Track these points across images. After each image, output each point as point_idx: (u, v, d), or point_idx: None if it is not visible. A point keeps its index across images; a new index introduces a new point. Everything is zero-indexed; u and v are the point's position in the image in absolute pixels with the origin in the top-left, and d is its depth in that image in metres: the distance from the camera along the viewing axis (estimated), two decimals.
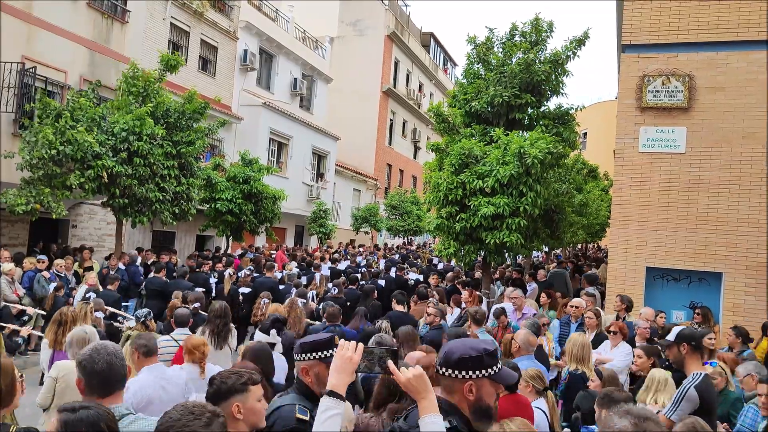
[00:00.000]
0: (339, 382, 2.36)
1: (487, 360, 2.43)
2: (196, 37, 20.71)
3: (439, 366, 2.48)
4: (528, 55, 12.31)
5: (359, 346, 2.41)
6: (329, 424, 2.28)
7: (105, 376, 2.83)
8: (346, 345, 2.43)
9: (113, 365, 2.87)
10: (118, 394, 2.89)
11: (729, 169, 10.01)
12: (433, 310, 7.87)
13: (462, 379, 2.41)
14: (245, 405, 2.72)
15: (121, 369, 2.91)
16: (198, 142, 13.64)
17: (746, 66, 10.03)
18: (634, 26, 10.75)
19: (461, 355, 2.43)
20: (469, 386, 2.40)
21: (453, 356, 2.44)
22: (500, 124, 12.46)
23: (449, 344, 2.56)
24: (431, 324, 7.77)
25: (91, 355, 2.88)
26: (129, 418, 2.85)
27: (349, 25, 35.00)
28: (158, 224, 15.40)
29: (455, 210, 11.15)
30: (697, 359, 4.54)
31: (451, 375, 2.42)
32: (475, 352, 2.43)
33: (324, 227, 23.21)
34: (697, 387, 4.24)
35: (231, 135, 21.94)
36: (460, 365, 2.42)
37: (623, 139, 10.73)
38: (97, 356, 2.86)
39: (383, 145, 35.89)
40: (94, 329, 5.00)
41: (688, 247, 10.17)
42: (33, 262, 11.20)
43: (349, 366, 2.38)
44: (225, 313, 6.44)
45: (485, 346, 2.48)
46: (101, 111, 12.22)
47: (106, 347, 2.93)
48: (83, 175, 11.33)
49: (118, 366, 2.89)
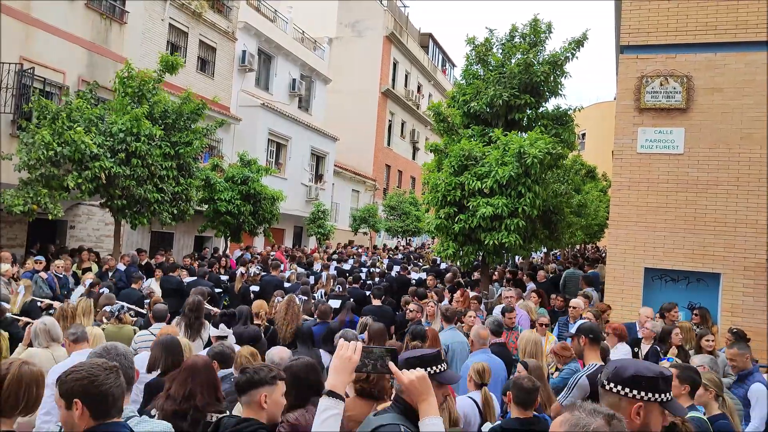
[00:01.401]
0: (338, 382, 2.34)
1: (662, 385, 2.29)
2: (195, 38, 20.70)
3: (606, 381, 2.34)
4: (527, 56, 12.34)
5: (358, 346, 2.39)
6: (328, 424, 2.26)
7: None
8: (345, 345, 2.40)
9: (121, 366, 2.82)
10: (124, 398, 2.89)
11: (727, 170, 10.02)
12: (414, 306, 8.33)
13: (632, 399, 2.27)
14: (271, 396, 3.04)
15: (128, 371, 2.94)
16: (196, 143, 13.63)
17: (744, 67, 10.04)
18: (633, 27, 10.76)
19: (635, 372, 2.30)
20: (638, 408, 2.26)
21: (626, 372, 2.31)
22: (499, 125, 12.48)
23: (621, 361, 2.43)
24: (412, 320, 8.07)
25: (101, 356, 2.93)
26: (134, 420, 2.85)
27: (348, 26, 35.01)
28: (157, 225, 15.38)
29: (454, 211, 11.16)
30: (595, 351, 4.82)
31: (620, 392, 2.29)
32: (651, 373, 2.29)
33: (323, 228, 23.20)
34: (590, 376, 4.48)
35: (230, 136, 21.93)
36: (633, 384, 2.27)
37: (622, 140, 10.73)
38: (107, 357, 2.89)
39: (382, 146, 35.90)
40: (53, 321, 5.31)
41: (686, 248, 10.18)
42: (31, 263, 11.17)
43: (348, 366, 2.35)
44: (198, 308, 6.91)
45: (662, 370, 2.35)
46: (99, 112, 12.21)
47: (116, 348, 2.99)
48: (81, 176, 11.31)
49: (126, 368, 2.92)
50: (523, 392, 3.96)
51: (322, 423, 2.27)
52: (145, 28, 17.89)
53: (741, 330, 7.50)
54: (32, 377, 2.79)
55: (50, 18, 13.71)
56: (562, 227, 13.93)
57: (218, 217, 16.58)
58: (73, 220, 16.31)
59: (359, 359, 2.38)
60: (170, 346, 4.70)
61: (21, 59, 12.76)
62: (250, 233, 17.88)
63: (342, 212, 30.80)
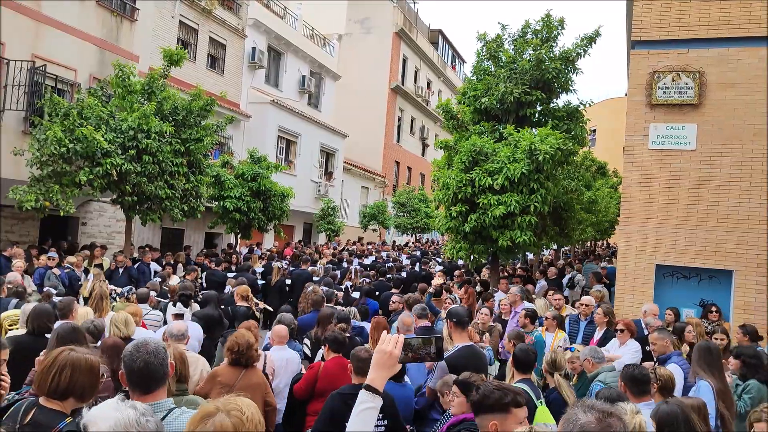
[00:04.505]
0: (377, 377, 2.32)
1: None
2: (205, 35, 20.75)
3: None
4: (539, 52, 12.27)
5: (400, 339, 2.36)
6: (363, 416, 2.27)
7: (142, 375, 2.85)
8: (387, 339, 2.36)
9: (150, 364, 2.88)
10: (159, 392, 2.91)
11: (740, 166, 9.93)
12: (397, 298, 9.14)
13: None
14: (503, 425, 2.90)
15: (160, 368, 2.92)
16: (206, 140, 13.67)
17: (757, 62, 9.93)
18: (644, 22, 10.67)
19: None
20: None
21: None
22: (510, 121, 12.42)
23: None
24: (394, 311, 8.88)
25: (131, 352, 2.92)
26: (176, 412, 2.88)
27: (357, 23, 34.98)
28: (167, 221, 15.45)
29: (465, 209, 11.12)
30: (460, 333, 5.29)
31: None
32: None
33: (332, 225, 23.23)
34: (448, 357, 4.93)
35: (239, 133, 21.98)
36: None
37: (633, 136, 10.66)
38: (137, 354, 2.89)
39: (391, 143, 35.86)
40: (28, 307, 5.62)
41: (698, 245, 10.10)
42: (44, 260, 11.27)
43: (389, 361, 2.32)
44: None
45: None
46: (110, 109, 12.27)
47: (146, 346, 2.96)
48: (92, 172, 11.38)
49: (155, 365, 2.90)
50: (360, 361, 4.43)
51: (358, 415, 2.27)
52: (155, 25, 17.95)
53: (753, 327, 7.43)
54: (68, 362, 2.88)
55: (61, 16, 13.77)
56: (573, 224, 13.87)
57: (228, 214, 16.64)
58: (84, 217, 16.41)
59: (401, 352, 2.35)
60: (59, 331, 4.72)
61: (33, 57, 12.82)
62: (260, 230, 17.92)
63: (351, 209, 30.82)
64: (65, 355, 2.91)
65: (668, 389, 4.62)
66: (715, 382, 4.86)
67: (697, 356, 5.14)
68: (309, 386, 5.29)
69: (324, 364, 5.38)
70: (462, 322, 5.26)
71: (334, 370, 5.27)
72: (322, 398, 4.79)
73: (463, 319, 5.28)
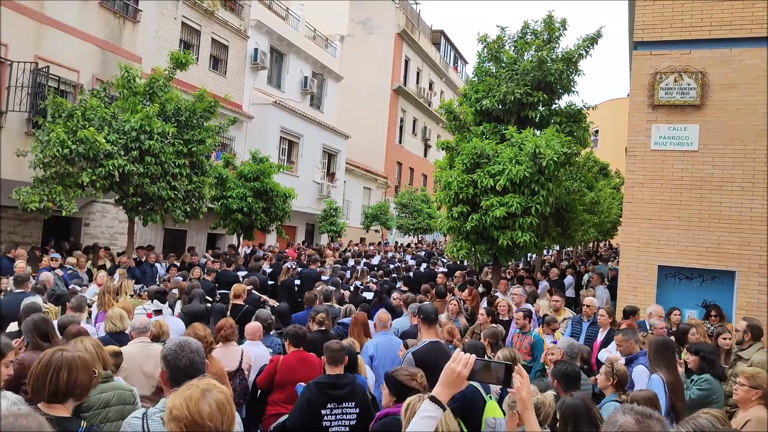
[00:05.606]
0: (443, 392, 2.41)
1: None
2: (207, 36, 20.78)
3: None
4: (541, 53, 12.26)
5: (471, 359, 2.41)
6: (423, 423, 2.37)
7: (188, 373, 2.91)
8: (458, 358, 2.42)
9: (194, 362, 3.00)
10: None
11: (742, 166, 9.92)
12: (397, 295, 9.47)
13: None
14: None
15: (201, 366, 3.04)
16: (209, 141, 13.69)
17: (760, 63, 9.93)
18: (647, 23, 10.67)
19: None
20: None
21: None
22: (511, 122, 12.42)
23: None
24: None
25: (175, 350, 3.01)
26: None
27: (360, 24, 35.00)
28: (170, 222, 15.47)
29: (467, 209, 11.12)
30: (427, 328, 5.46)
31: None
32: None
33: (334, 225, 23.24)
34: (414, 351, 5.09)
35: (242, 134, 22.01)
36: None
37: (635, 137, 10.65)
38: (181, 353, 3.00)
39: (393, 144, 35.87)
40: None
41: (700, 246, 10.09)
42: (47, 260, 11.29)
43: (456, 381, 2.39)
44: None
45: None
46: (112, 110, 12.30)
47: (189, 344, 3.08)
48: (95, 173, 11.40)
49: (198, 363, 3.02)
50: (333, 352, 4.70)
51: (419, 420, 2.39)
52: (157, 26, 17.98)
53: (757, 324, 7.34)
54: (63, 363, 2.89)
55: (64, 17, 13.80)
56: (575, 225, 13.87)
57: (230, 215, 16.66)
58: (87, 218, 16.44)
59: (472, 370, 2.41)
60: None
61: (36, 58, 12.85)
62: (263, 230, 17.94)
63: (354, 210, 30.83)
64: (58, 356, 2.91)
65: (623, 384, 4.84)
66: (667, 375, 4.99)
67: (653, 351, 5.25)
68: (269, 378, 5.67)
69: (283, 358, 5.75)
70: (430, 319, 5.48)
71: (293, 363, 5.64)
72: (281, 389, 5.53)
73: (430, 316, 5.49)
